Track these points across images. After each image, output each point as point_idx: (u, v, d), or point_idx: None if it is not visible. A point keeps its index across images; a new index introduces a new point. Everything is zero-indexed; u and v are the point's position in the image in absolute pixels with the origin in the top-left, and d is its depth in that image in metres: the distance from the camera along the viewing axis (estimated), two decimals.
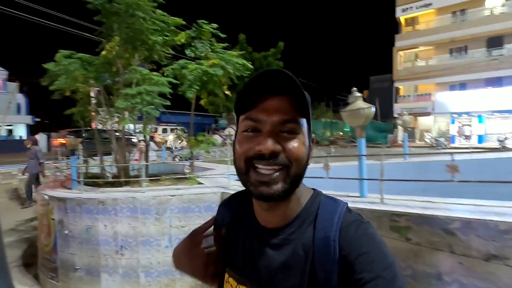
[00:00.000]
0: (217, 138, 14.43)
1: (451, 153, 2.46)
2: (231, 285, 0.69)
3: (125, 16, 5.20)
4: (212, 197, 4.68)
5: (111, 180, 5.70)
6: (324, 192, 0.68)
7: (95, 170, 7.61)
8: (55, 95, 6.72)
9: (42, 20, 13.71)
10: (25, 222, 8.45)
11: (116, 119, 6.73)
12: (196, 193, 4.70)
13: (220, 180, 5.98)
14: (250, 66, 6.60)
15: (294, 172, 0.57)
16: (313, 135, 0.65)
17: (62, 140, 11.45)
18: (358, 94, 3.19)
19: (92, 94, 7.37)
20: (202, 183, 5.54)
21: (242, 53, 7.21)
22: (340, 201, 0.64)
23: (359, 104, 3.09)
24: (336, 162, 6.21)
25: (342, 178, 3.26)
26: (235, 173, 0.62)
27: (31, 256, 6.35)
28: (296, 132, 0.58)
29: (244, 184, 0.60)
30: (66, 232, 4.80)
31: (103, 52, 6.27)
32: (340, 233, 0.57)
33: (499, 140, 17.90)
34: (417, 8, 26.00)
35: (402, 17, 26.94)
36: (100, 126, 7.61)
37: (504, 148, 13.83)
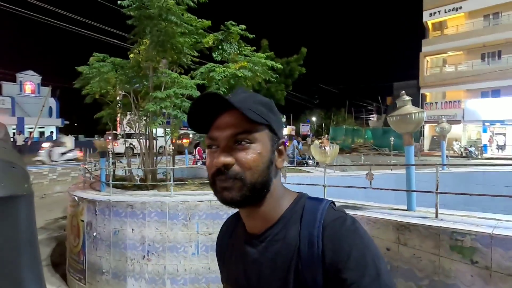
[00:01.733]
0: None
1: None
2: None
3: (157, 20, 5.23)
4: None
5: (139, 183, 5.68)
6: (365, 203, 0.56)
7: (121, 172, 7.70)
8: (86, 99, 6.88)
9: (75, 27, 14.32)
10: (55, 221, 8.68)
11: (144, 123, 6.78)
12: None
13: None
14: (279, 66, 6.47)
15: (249, 180, 0.59)
16: (282, 140, 0.66)
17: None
18: (407, 98, 2.94)
19: (119, 97, 7.50)
20: None
21: (269, 55, 7.12)
22: (324, 199, 0.65)
23: (409, 109, 2.84)
24: (362, 170, 5.89)
25: (389, 189, 3.00)
26: None
27: (60, 255, 6.45)
28: (249, 142, 0.60)
29: (215, 194, 0.62)
30: (95, 234, 4.80)
31: (132, 55, 6.35)
32: (324, 230, 0.58)
33: None
34: (445, 12, 24.99)
35: (429, 21, 26.00)
36: (127, 130, 7.72)
37: None
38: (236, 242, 0.71)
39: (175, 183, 5.52)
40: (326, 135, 17.86)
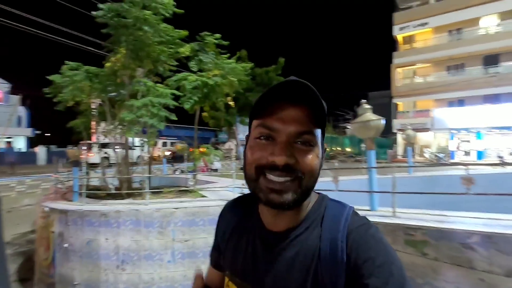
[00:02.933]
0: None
1: (466, 166, 2.42)
2: None
3: (132, 29, 5.29)
4: (217, 210, 4.57)
5: (113, 192, 5.60)
6: None
7: (95, 182, 7.52)
8: (58, 107, 6.73)
9: (47, 34, 13.92)
10: (22, 236, 8.25)
11: (119, 131, 6.72)
12: (201, 206, 4.61)
13: (223, 193, 5.90)
14: (249, 65, 6.65)
15: (306, 183, 0.57)
16: (325, 144, 0.64)
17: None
18: (368, 106, 3.19)
19: (93, 106, 7.40)
20: (206, 196, 5.46)
21: (244, 66, 7.32)
22: (346, 205, 0.64)
23: (369, 116, 3.08)
24: (341, 176, 6.15)
25: (352, 191, 3.20)
26: (240, 186, 0.63)
27: (28, 270, 6.16)
28: (311, 144, 0.57)
29: (252, 190, 0.59)
30: (66, 245, 4.67)
31: (108, 64, 6.34)
32: (348, 235, 0.56)
33: (499, 156, 17.93)
34: (414, 27, 26.63)
35: (399, 35, 27.56)
36: (102, 138, 7.59)
37: (504, 164, 13.84)
38: (250, 236, 0.67)
39: (152, 191, 5.49)
40: None
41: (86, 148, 11.89)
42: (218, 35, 6.34)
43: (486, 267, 2.08)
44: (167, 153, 20.25)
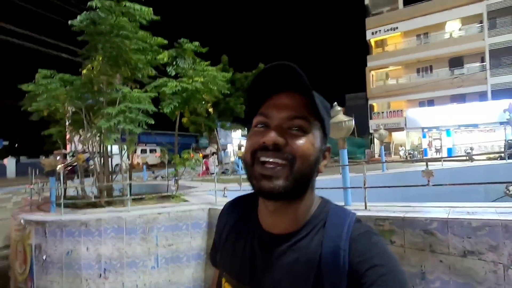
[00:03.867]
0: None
1: (426, 161, 2.68)
2: None
3: (109, 36, 5.29)
4: (200, 214, 4.67)
5: (93, 201, 5.52)
6: None
7: (72, 192, 7.33)
8: (33, 116, 6.55)
9: (16, 40, 13.35)
10: None
11: (97, 139, 6.62)
12: (184, 210, 4.67)
13: (205, 197, 5.96)
14: (229, 75, 6.80)
15: (298, 168, 0.55)
16: (328, 145, 0.63)
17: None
18: (339, 108, 3.42)
19: (68, 114, 7.24)
20: (188, 201, 5.50)
21: (220, 67, 7.46)
22: (349, 211, 0.62)
23: (340, 118, 3.31)
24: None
25: (328, 188, 3.41)
26: (221, 190, 0.65)
27: (3, 287, 5.89)
28: (304, 130, 0.57)
29: (249, 178, 0.59)
30: (44, 257, 4.55)
31: (84, 71, 6.26)
32: (351, 243, 0.55)
33: (466, 152, 19.12)
34: (385, 31, 27.96)
35: (372, 39, 28.80)
36: (80, 147, 7.42)
37: (471, 159, 14.81)
38: (248, 237, 0.65)
39: (133, 197, 5.47)
40: None
41: (61, 157, 11.52)
42: (196, 43, 6.45)
43: (445, 250, 2.33)
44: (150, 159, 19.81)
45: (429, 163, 3.02)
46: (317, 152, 0.59)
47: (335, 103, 3.40)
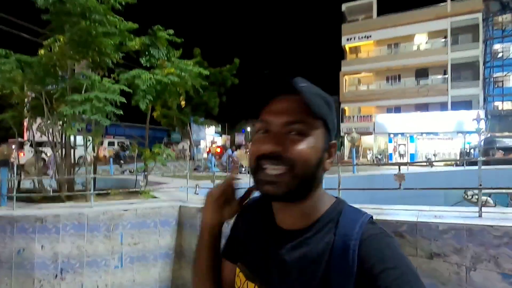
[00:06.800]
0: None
1: (398, 165, 2.75)
2: (240, 280, 0.68)
3: (78, 18, 4.88)
4: (170, 211, 4.47)
5: (51, 195, 5.09)
6: None
7: (28, 185, 6.75)
8: None
9: None
10: None
11: (59, 128, 6.13)
12: (152, 207, 4.44)
13: (176, 194, 5.75)
14: (207, 72, 6.62)
15: (299, 173, 0.55)
16: (335, 141, 0.62)
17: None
18: None
19: (27, 99, 6.64)
20: (157, 197, 5.27)
21: (197, 61, 7.22)
22: (363, 212, 0.61)
23: None
24: None
25: None
26: (193, 187, 0.62)
27: None
28: (304, 134, 0.57)
29: (255, 183, 0.60)
30: None
31: (42, 52, 5.72)
32: (362, 244, 0.54)
33: (427, 158, 20.45)
34: (359, 38, 29.00)
35: (347, 45, 29.75)
36: (38, 135, 6.84)
37: (431, 165, 15.89)
38: (263, 231, 0.67)
39: (97, 192, 5.12)
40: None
41: (16, 146, 10.55)
42: (171, 31, 6.15)
43: (413, 252, 2.40)
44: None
45: (393, 167, 3.11)
46: (319, 152, 0.58)
47: None
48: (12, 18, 11.92)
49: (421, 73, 26.91)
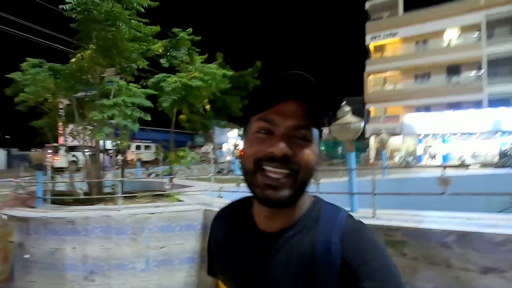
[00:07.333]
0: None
1: (444, 167, 2.49)
2: None
3: (103, 25, 5.02)
4: (195, 215, 4.43)
5: (82, 197, 5.24)
6: None
7: (62, 188, 7.03)
8: (20, 107, 6.24)
9: (7, 28, 12.92)
10: None
11: (88, 133, 6.34)
12: (177, 211, 4.43)
13: (201, 197, 5.73)
14: (231, 73, 6.58)
15: (302, 178, 0.56)
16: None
17: None
18: (348, 108, 3.23)
19: (61, 106, 6.95)
20: (183, 201, 5.26)
21: (219, 62, 7.21)
22: (341, 208, 0.63)
23: (349, 119, 3.12)
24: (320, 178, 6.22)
25: (333, 193, 3.21)
26: (218, 190, 0.58)
27: None
28: (308, 140, 0.57)
29: (249, 185, 0.58)
30: (27, 256, 4.27)
31: (73, 60, 5.96)
32: (343, 238, 0.56)
33: (461, 159, 19.18)
34: (384, 36, 27.99)
35: (371, 44, 28.81)
36: (70, 141, 7.13)
37: (466, 167, 14.81)
38: (243, 238, 0.66)
39: (124, 195, 5.21)
40: None
41: (52, 151, 11.13)
42: (189, 30, 6.17)
43: (462, 265, 2.15)
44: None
45: (425, 170, 2.82)
46: (316, 159, 0.59)
47: (344, 102, 3.22)
48: (43, 28, 12.65)
49: (453, 70, 25.42)
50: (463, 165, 15.94)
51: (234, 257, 0.66)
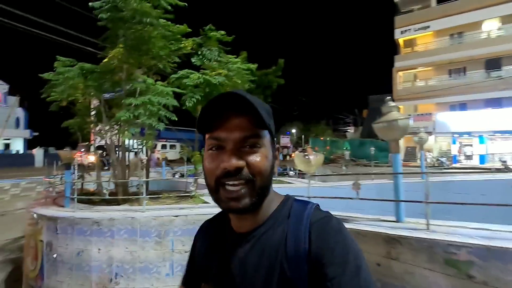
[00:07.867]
0: None
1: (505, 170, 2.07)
2: None
3: (131, 23, 4.95)
4: None
5: (108, 197, 5.22)
6: (351, 215, 0.65)
7: (89, 186, 7.14)
8: (52, 107, 6.38)
9: (44, 33, 13.57)
10: (14, 241, 7.83)
11: (116, 132, 6.36)
12: (203, 213, 4.25)
13: None
14: (254, 65, 6.35)
15: (259, 185, 0.60)
16: (277, 145, 0.67)
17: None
18: (393, 103, 2.86)
19: (93, 105, 7.05)
20: (208, 202, 5.09)
21: (243, 57, 7.00)
22: (310, 202, 0.67)
23: (395, 115, 2.75)
24: (345, 181, 5.81)
25: (377, 199, 2.85)
26: None
27: (15, 281, 5.74)
28: (257, 146, 0.61)
29: (215, 201, 0.62)
30: (55, 255, 4.28)
31: (105, 60, 5.99)
32: (311, 227, 0.59)
33: (501, 161, 17.62)
34: (415, 30, 26.52)
35: (401, 39, 27.44)
36: (98, 140, 7.23)
37: (507, 169, 13.53)
38: (221, 243, 0.70)
39: (149, 196, 5.13)
40: (308, 144, 18.00)
41: (83, 150, 11.49)
42: (222, 32, 6.01)
43: None
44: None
45: (468, 173, 2.37)
46: (272, 161, 0.63)
47: (389, 97, 2.86)
48: (75, 32, 13.12)
49: (493, 64, 23.52)
50: (506, 167, 14.60)
51: (216, 261, 0.69)
